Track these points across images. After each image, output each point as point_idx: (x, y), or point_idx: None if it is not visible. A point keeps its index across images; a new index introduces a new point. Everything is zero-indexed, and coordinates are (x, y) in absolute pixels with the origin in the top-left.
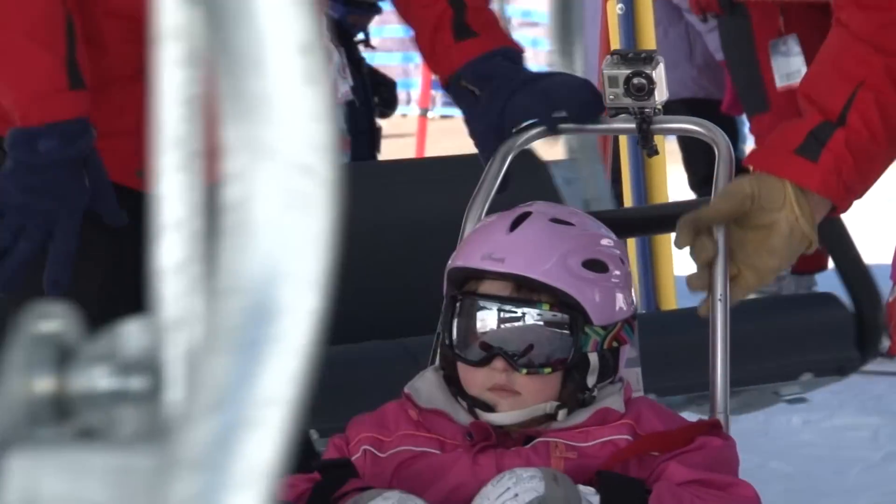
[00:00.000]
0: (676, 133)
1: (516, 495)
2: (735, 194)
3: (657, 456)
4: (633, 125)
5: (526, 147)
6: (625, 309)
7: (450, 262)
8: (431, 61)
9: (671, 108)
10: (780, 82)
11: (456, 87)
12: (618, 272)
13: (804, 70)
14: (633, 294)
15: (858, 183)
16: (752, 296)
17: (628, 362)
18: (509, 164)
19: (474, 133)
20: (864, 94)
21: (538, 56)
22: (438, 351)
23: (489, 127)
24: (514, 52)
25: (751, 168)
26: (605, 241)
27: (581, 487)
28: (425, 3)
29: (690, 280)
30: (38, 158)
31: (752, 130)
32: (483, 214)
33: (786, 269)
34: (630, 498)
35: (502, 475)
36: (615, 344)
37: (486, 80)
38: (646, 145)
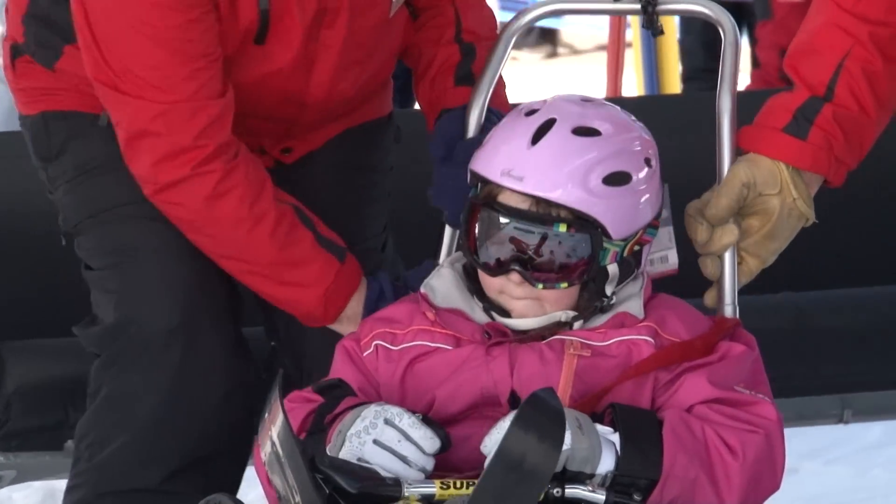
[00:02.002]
0: (681, 14)
1: None
2: (732, 185)
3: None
4: (637, 6)
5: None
6: (649, 214)
7: (472, 159)
8: (425, 100)
9: None
10: None
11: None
12: (643, 175)
13: None
14: (659, 192)
15: (850, 155)
16: None
17: (661, 222)
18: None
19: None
20: (850, 66)
21: None
22: (451, 245)
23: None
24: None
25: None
26: (633, 145)
27: (599, 428)
28: (434, 40)
29: (706, 265)
30: None
31: (755, 34)
32: (487, 98)
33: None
34: (645, 432)
35: None
36: (637, 248)
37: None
38: (651, 25)
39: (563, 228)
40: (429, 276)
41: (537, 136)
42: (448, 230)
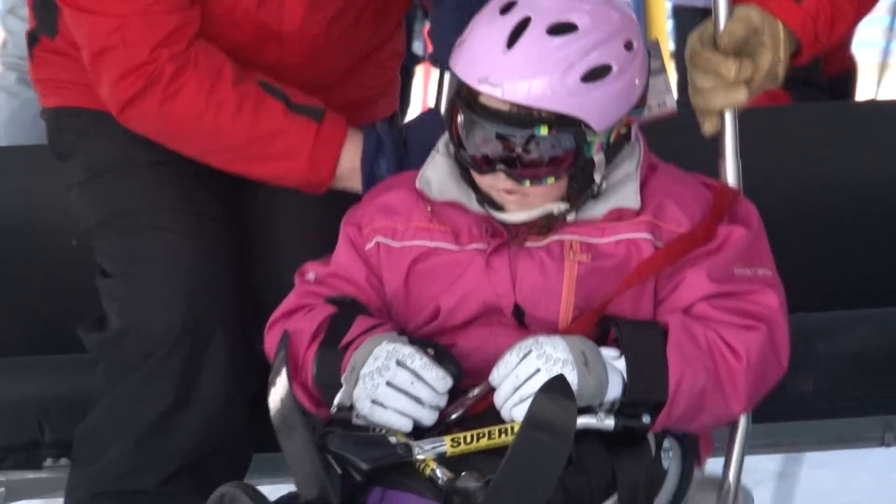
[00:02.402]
0: None
1: None
2: (748, 22)
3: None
4: None
5: None
6: (634, 97)
7: (451, 57)
8: None
9: None
10: None
11: None
12: (624, 62)
13: None
14: (643, 69)
15: (825, 35)
16: None
17: (653, 73)
18: None
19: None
20: None
21: None
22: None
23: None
24: None
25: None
26: (611, 33)
27: (604, 352)
28: None
29: (735, 95)
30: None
31: None
32: None
33: None
34: (650, 354)
35: (528, 348)
36: (623, 130)
37: None
38: None
39: (544, 131)
40: (425, 163)
41: (512, 39)
42: (447, 75)
